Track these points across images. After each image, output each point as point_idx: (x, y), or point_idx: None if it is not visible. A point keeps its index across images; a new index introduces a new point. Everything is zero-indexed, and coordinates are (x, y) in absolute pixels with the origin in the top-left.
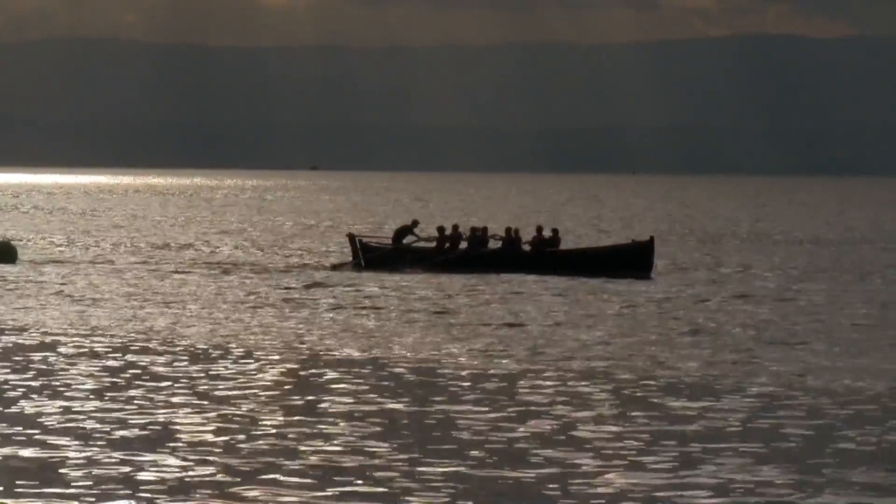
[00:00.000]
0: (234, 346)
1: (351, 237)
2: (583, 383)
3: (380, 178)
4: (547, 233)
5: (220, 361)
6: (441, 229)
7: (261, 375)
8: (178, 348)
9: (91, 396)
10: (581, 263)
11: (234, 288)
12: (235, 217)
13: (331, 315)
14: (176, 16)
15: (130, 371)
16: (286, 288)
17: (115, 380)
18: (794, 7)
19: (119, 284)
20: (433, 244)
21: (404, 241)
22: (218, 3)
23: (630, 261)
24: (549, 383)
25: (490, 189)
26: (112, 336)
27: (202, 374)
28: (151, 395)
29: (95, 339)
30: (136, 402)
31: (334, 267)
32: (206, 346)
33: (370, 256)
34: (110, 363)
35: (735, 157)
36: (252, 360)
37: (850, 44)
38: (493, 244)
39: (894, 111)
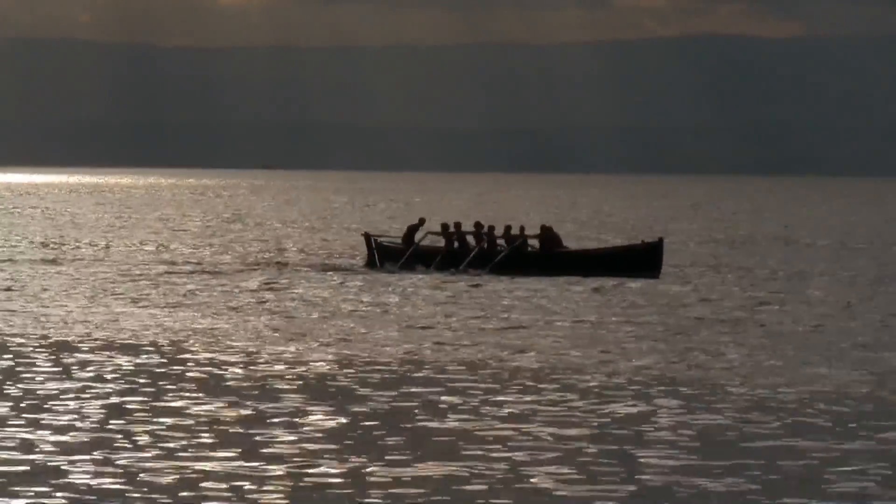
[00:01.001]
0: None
1: (367, 236)
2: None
3: (333, 177)
4: (533, 231)
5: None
6: (445, 226)
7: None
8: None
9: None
10: (590, 264)
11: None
12: (137, 214)
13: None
14: (129, 16)
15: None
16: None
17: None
18: (746, 7)
19: None
20: (442, 242)
21: (416, 239)
22: (171, 4)
23: (639, 261)
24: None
25: (439, 188)
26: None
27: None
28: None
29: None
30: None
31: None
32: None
33: (386, 257)
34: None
35: (688, 157)
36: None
37: (800, 44)
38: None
39: (845, 110)
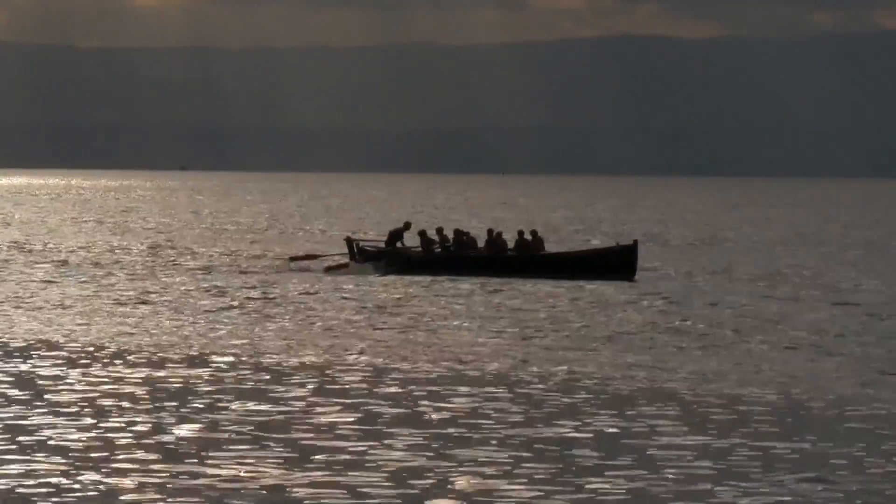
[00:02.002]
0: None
1: (349, 240)
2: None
3: (248, 178)
4: (527, 236)
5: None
6: (423, 233)
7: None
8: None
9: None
10: (565, 267)
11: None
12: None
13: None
14: (45, 17)
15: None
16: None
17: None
18: (662, 8)
19: None
20: (420, 248)
21: (398, 244)
22: (87, 5)
23: (614, 264)
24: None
25: (352, 189)
26: None
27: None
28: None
29: None
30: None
31: (328, 269)
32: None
33: (367, 260)
34: None
35: (605, 158)
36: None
37: (717, 44)
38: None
39: (762, 111)
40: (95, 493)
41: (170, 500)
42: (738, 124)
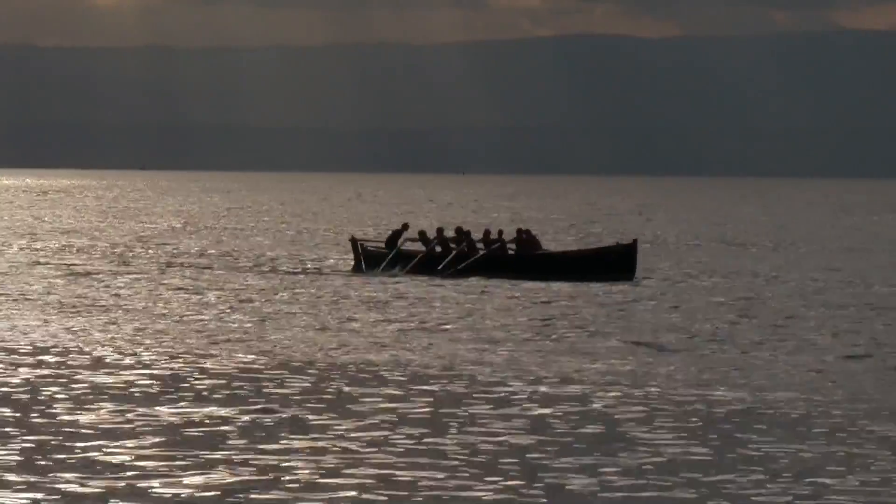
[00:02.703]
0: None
1: (353, 241)
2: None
3: (208, 177)
4: (515, 235)
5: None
6: (423, 233)
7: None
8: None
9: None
10: (564, 267)
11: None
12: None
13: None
14: (5, 15)
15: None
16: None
17: None
18: (621, 7)
19: None
20: (423, 248)
21: (398, 245)
22: (47, 4)
23: (614, 264)
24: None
25: (313, 189)
26: None
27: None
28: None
29: None
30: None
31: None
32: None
33: (372, 262)
34: None
35: (563, 158)
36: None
37: (676, 44)
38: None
39: (720, 111)
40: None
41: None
42: (698, 123)
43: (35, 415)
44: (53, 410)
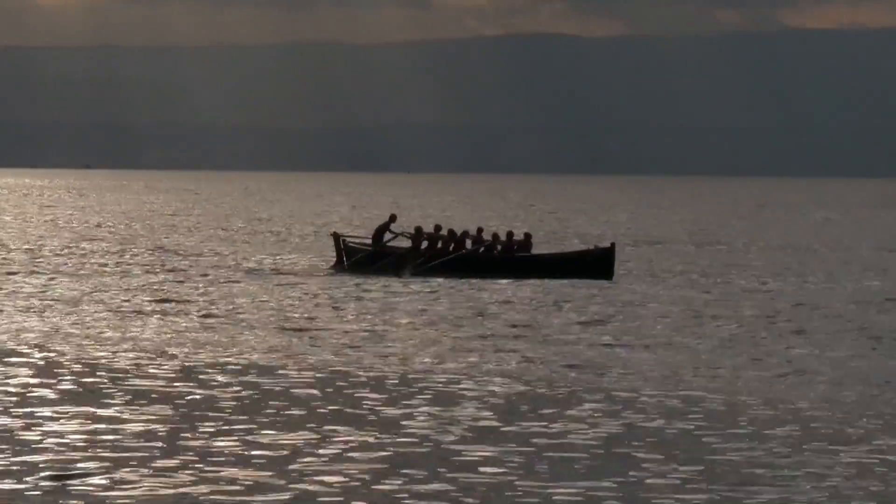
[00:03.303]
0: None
1: (336, 237)
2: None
3: (151, 176)
4: (519, 236)
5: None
6: (419, 229)
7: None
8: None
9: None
10: (543, 268)
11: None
12: None
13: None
14: None
15: None
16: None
17: None
18: (568, 6)
19: None
20: (409, 243)
21: (384, 239)
22: None
23: (592, 266)
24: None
25: (253, 188)
26: None
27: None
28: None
29: None
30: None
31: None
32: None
33: (354, 259)
34: None
35: (511, 157)
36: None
37: (622, 43)
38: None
39: (668, 110)
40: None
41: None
42: (645, 123)
43: None
44: None
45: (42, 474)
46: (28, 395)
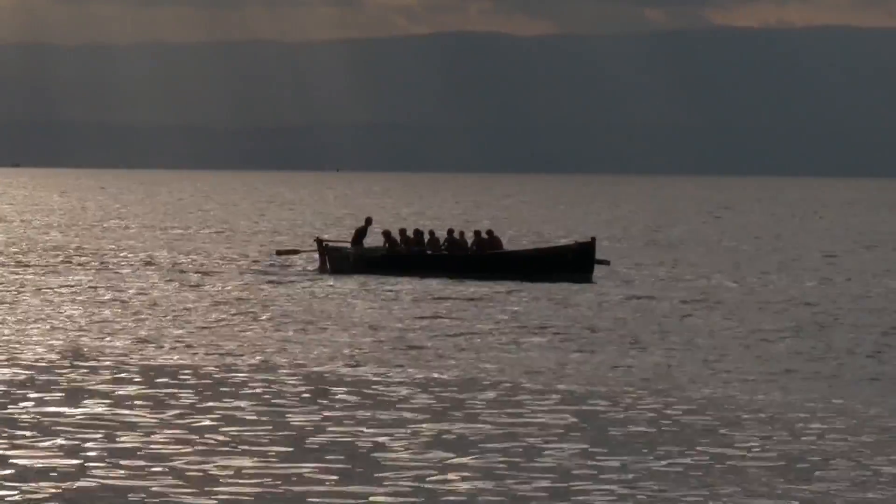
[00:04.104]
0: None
1: (319, 241)
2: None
3: (82, 174)
4: (484, 235)
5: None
6: (387, 232)
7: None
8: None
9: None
10: (521, 266)
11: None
12: None
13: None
14: None
15: None
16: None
17: None
18: (496, 5)
19: None
20: (386, 246)
21: (364, 242)
22: None
23: (570, 263)
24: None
25: (178, 187)
26: None
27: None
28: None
29: None
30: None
31: (279, 253)
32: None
33: (335, 261)
34: None
35: (438, 155)
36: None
37: (550, 42)
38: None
39: (593, 109)
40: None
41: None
42: (572, 121)
43: None
44: None
45: None
46: None
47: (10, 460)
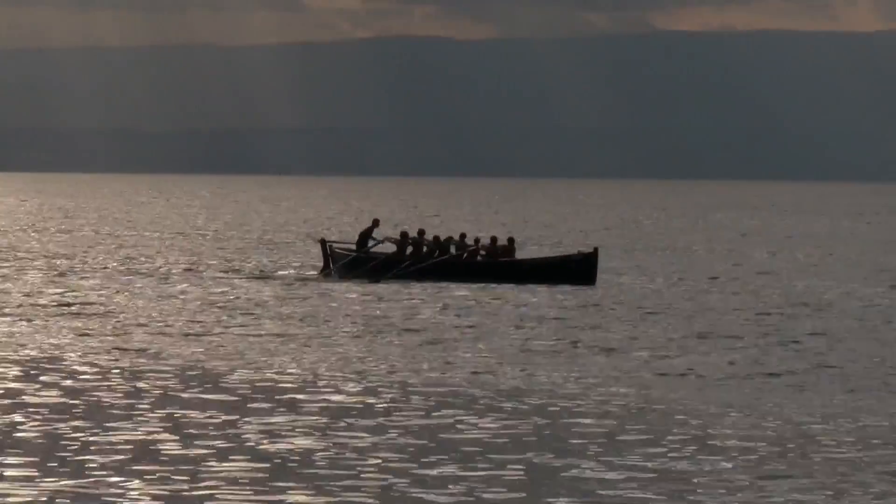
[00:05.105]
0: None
1: (323, 243)
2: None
3: (21, 179)
4: (502, 241)
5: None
6: (404, 234)
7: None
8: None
9: None
10: (526, 273)
11: None
12: None
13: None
14: None
15: None
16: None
17: None
18: (439, 9)
19: None
20: (394, 248)
21: (369, 245)
22: None
23: (574, 271)
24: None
25: (117, 192)
26: None
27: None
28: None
29: None
30: None
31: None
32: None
33: (339, 264)
34: None
35: (383, 160)
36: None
37: (494, 46)
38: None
39: (537, 112)
40: None
41: None
42: (515, 126)
43: None
44: None
45: None
46: None
47: None
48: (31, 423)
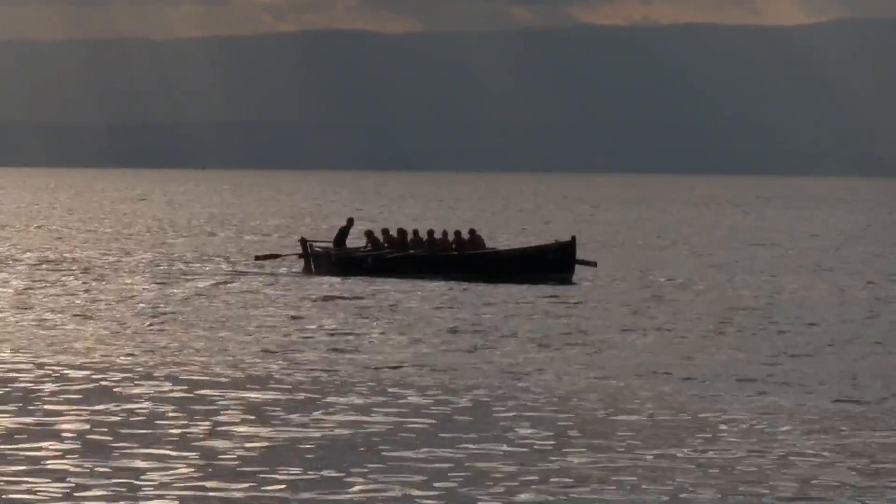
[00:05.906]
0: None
1: (303, 241)
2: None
3: None
4: (465, 235)
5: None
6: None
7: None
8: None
9: None
10: (501, 265)
11: None
12: None
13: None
14: None
15: None
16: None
17: None
18: (362, 2)
19: None
20: (369, 247)
21: (346, 242)
22: None
23: (551, 262)
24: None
25: (41, 186)
26: None
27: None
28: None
29: None
30: None
31: (258, 258)
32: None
33: (319, 262)
34: None
35: (306, 153)
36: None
37: (415, 40)
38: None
39: (460, 106)
40: None
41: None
42: (437, 119)
43: None
44: None
45: None
46: None
47: None
48: None
